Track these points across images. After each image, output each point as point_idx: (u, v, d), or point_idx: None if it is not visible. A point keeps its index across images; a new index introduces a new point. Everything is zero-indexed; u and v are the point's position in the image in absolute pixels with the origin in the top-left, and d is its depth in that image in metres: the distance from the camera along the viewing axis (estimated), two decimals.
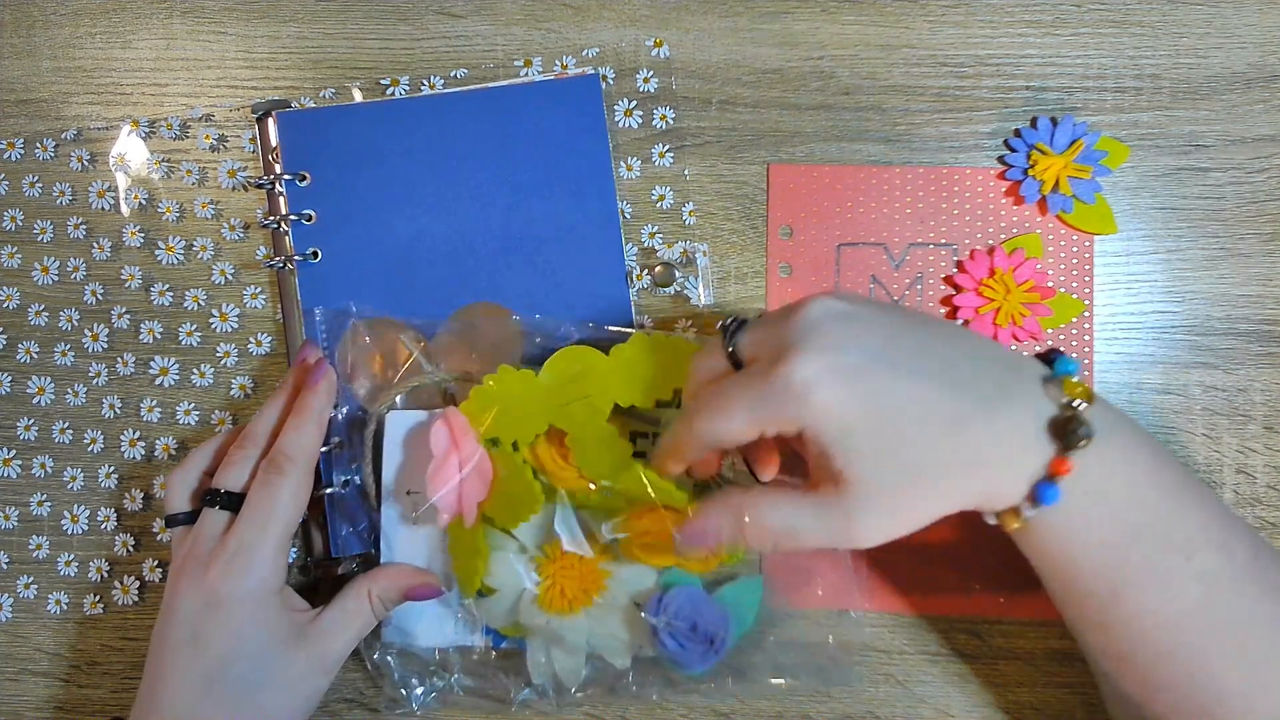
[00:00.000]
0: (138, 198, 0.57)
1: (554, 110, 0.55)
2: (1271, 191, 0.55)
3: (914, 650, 0.55)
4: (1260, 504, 0.54)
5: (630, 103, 0.56)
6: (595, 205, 0.55)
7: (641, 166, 0.56)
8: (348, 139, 0.55)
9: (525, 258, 0.55)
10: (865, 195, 0.56)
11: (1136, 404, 0.55)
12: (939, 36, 0.56)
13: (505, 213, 0.55)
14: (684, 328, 0.55)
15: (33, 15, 0.58)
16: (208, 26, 0.58)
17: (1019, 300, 0.54)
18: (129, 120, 0.57)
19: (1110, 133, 0.55)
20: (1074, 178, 0.54)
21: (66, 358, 0.57)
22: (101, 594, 0.56)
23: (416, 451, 0.52)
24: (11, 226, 0.57)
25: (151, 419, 0.57)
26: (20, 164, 0.58)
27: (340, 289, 0.55)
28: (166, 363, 0.57)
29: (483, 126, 0.55)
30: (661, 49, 0.56)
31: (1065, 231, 0.55)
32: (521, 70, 0.56)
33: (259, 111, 0.56)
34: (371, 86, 0.57)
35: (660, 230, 0.56)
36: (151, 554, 0.56)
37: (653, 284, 0.55)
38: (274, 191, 0.56)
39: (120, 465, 0.57)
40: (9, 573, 0.57)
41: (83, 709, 0.56)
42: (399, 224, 0.55)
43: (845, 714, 0.54)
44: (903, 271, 0.55)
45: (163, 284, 0.57)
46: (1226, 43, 0.55)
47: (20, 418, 0.57)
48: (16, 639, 0.57)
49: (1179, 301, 0.55)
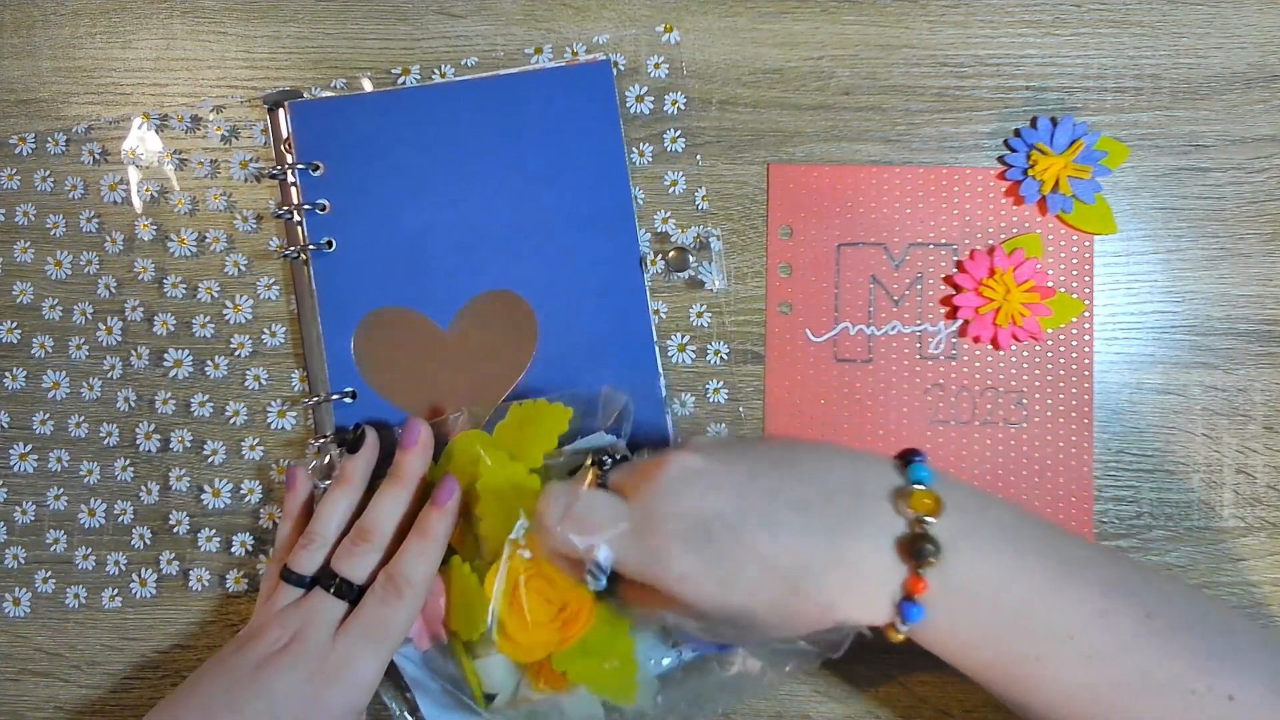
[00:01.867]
0: (149, 190, 0.57)
1: (566, 97, 0.55)
2: (1271, 191, 0.55)
3: (914, 650, 0.54)
4: (1260, 504, 0.54)
5: (641, 88, 0.56)
6: (608, 192, 0.55)
7: (654, 152, 0.56)
8: (360, 128, 0.55)
9: (539, 245, 0.55)
10: (865, 195, 0.56)
11: (1136, 404, 0.55)
12: (939, 36, 0.56)
13: (518, 200, 0.55)
14: (698, 313, 0.56)
15: (33, 15, 0.58)
16: (208, 26, 0.58)
17: (1019, 300, 0.54)
18: (140, 113, 0.57)
19: (1110, 133, 0.55)
20: (1074, 178, 0.54)
21: (81, 351, 0.57)
22: (119, 587, 0.56)
23: None
24: (24, 221, 0.57)
25: (166, 411, 0.57)
26: (31, 159, 0.58)
27: (355, 278, 0.55)
28: (180, 355, 0.57)
29: (495, 114, 0.55)
30: (672, 34, 0.56)
31: (1065, 231, 0.55)
32: (532, 58, 0.56)
33: (270, 102, 0.56)
34: (382, 76, 0.57)
35: (673, 216, 0.56)
36: (168, 548, 0.56)
37: (667, 270, 0.55)
38: (287, 182, 0.56)
39: (136, 458, 0.57)
40: (26, 567, 0.57)
41: (83, 709, 0.56)
42: (412, 213, 0.55)
43: (845, 714, 0.54)
44: (903, 271, 0.55)
45: (176, 276, 0.57)
46: (1226, 43, 0.55)
47: (36, 412, 0.57)
48: (16, 639, 0.57)
49: (1179, 301, 0.55)
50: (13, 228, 0.57)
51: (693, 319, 0.56)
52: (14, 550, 0.57)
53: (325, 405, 0.55)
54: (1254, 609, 0.54)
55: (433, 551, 0.48)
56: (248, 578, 0.56)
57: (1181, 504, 0.55)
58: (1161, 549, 0.54)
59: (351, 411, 0.55)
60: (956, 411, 0.55)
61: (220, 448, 0.56)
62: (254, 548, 0.56)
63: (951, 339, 0.55)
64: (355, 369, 0.55)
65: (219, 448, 0.56)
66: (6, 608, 0.56)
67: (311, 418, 0.56)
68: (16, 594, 0.57)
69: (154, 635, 0.56)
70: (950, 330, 0.55)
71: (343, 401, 0.55)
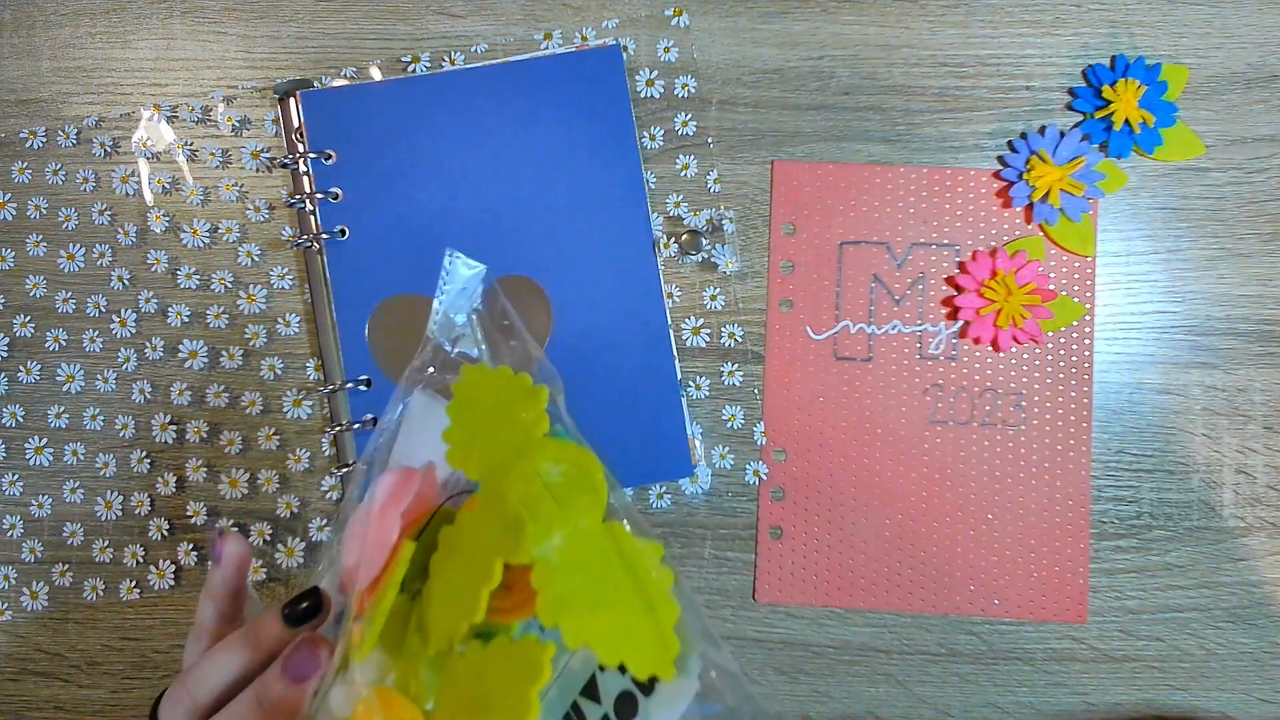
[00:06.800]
0: (161, 182, 0.57)
1: (576, 82, 0.55)
2: (1271, 191, 0.55)
3: (914, 650, 0.55)
4: (1260, 504, 0.54)
5: (652, 72, 0.56)
6: (620, 176, 0.55)
7: (664, 135, 0.56)
8: (371, 116, 0.55)
9: (552, 231, 0.55)
10: (868, 194, 0.56)
11: (1136, 404, 0.55)
12: (939, 36, 0.56)
13: (530, 185, 0.55)
14: (711, 295, 0.56)
15: (33, 15, 0.58)
16: (208, 26, 0.58)
17: (1020, 302, 0.54)
18: (150, 105, 0.57)
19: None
20: (1066, 192, 0.54)
21: (95, 344, 0.57)
22: (138, 579, 0.57)
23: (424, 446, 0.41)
24: (35, 215, 0.57)
25: (182, 402, 0.57)
26: (43, 152, 0.58)
27: (368, 266, 0.55)
28: (195, 346, 0.57)
29: (505, 100, 0.55)
30: (681, 18, 0.56)
31: None
32: (542, 44, 0.57)
33: (281, 92, 0.56)
34: (391, 64, 0.57)
35: (685, 198, 0.56)
36: (186, 538, 0.56)
37: (680, 252, 0.55)
38: (299, 171, 0.56)
39: (152, 450, 0.57)
40: (44, 560, 0.57)
41: (83, 709, 0.56)
42: (425, 199, 0.55)
43: (845, 714, 0.54)
44: (904, 271, 0.55)
45: (189, 267, 0.57)
46: (1226, 43, 0.55)
47: (51, 405, 0.57)
48: (16, 639, 0.57)
49: (1179, 301, 0.55)
50: (25, 222, 0.57)
51: (706, 302, 0.56)
52: (31, 544, 0.57)
53: (340, 393, 0.55)
54: (1254, 609, 0.54)
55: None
56: (266, 568, 0.56)
57: (1181, 504, 0.55)
58: (1161, 549, 0.54)
59: (366, 400, 0.55)
60: (955, 412, 0.55)
61: (237, 437, 0.56)
62: (273, 537, 0.56)
63: (952, 339, 0.55)
64: (370, 357, 0.55)
65: (235, 437, 0.56)
66: (25, 601, 0.56)
67: (327, 406, 0.56)
68: (35, 587, 0.57)
69: (154, 635, 0.56)
70: (951, 331, 0.55)
71: (358, 389, 0.55)
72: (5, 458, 0.57)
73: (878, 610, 0.54)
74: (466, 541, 0.34)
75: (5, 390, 0.57)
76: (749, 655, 0.55)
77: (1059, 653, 0.54)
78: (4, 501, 0.57)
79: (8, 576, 0.57)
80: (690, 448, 0.55)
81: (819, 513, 0.55)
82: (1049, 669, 0.54)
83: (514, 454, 0.34)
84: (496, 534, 0.33)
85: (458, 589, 0.33)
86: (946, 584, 0.54)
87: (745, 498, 0.55)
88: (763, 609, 0.55)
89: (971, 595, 0.54)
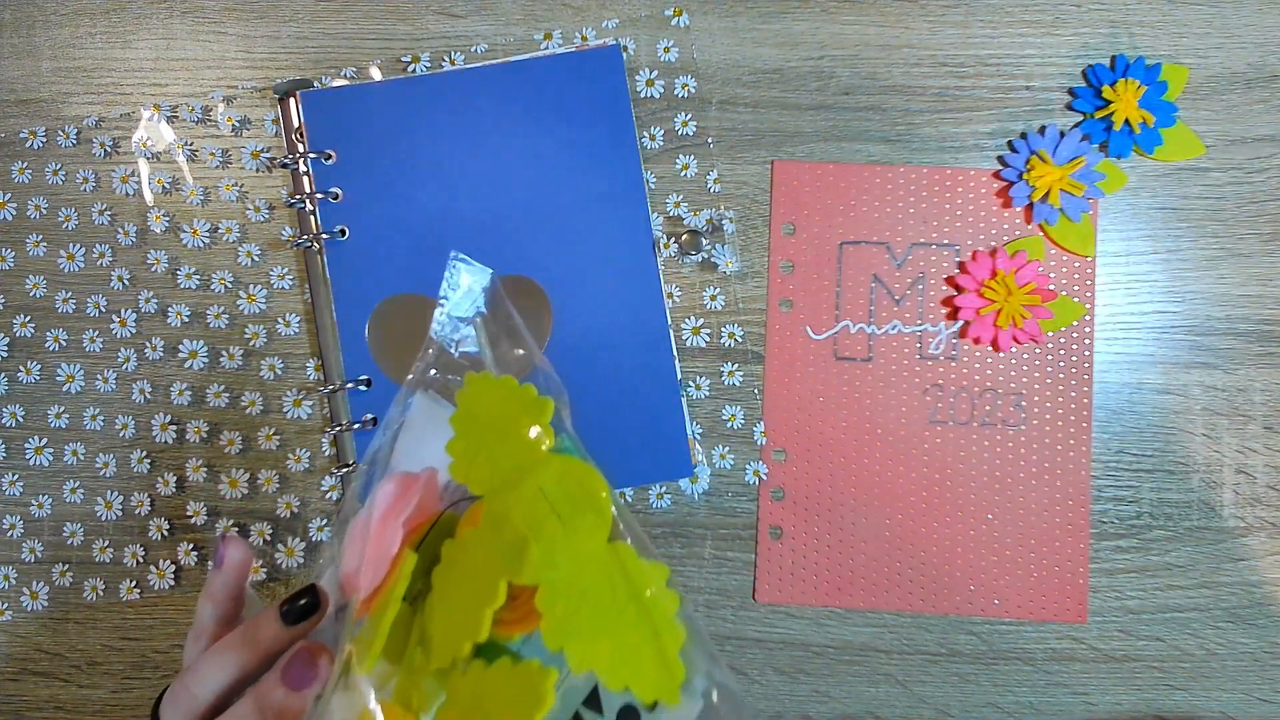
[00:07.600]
0: (161, 182, 0.57)
1: (576, 82, 0.55)
2: (1271, 191, 0.55)
3: (914, 650, 0.55)
4: (1260, 504, 0.54)
5: (652, 72, 0.56)
6: (620, 175, 0.55)
7: (664, 135, 0.56)
8: (372, 116, 0.55)
9: (552, 230, 0.55)
10: (868, 194, 0.56)
11: (1136, 404, 0.55)
12: (939, 36, 0.56)
13: (531, 185, 0.55)
14: (711, 295, 0.56)
15: (33, 15, 0.58)
16: (208, 26, 0.58)
17: (1020, 302, 0.54)
18: (150, 105, 0.57)
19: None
20: (1066, 192, 0.54)
21: (95, 344, 0.57)
22: (138, 579, 0.57)
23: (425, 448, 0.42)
24: (35, 215, 0.57)
25: (182, 402, 0.57)
26: (43, 152, 0.58)
27: (368, 266, 0.55)
28: (195, 346, 0.57)
29: (505, 100, 0.56)
30: (681, 18, 0.56)
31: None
32: (542, 44, 0.57)
33: (281, 91, 0.56)
34: (391, 64, 0.57)
35: (685, 198, 0.56)
36: (186, 538, 0.56)
37: (680, 252, 0.55)
38: (299, 171, 0.56)
39: (152, 450, 0.57)
40: (44, 560, 0.57)
41: (83, 709, 0.56)
42: (425, 199, 0.55)
43: (845, 714, 0.54)
44: (904, 271, 0.55)
45: (189, 267, 0.57)
46: (1226, 43, 0.55)
47: (51, 405, 0.57)
48: (16, 639, 0.57)
49: (1179, 301, 0.55)
50: (25, 222, 0.58)
51: (706, 302, 0.56)
52: (31, 544, 0.57)
53: (341, 393, 0.55)
54: (1254, 609, 0.54)
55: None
56: (266, 568, 0.56)
57: (1181, 504, 0.55)
58: (1161, 549, 0.54)
59: (366, 400, 0.55)
60: (955, 412, 0.55)
61: (237, 437, 0.56)
62: (273, 537, 0.56)
63: (952, 339, 0.55)
64: (370, 357, 0.55)
65: (235, 438, 0.56)
66: (25, 601, 0.56)
67: (327, 406, 0.56)
68: (35, 587, 0.57)
69: (154, 635, 0.56)
70: (951, 331, 0.55)
71: (358, 389, 0.55)
72: (5, 458, 0.57)
73: (878, 610, 0.54)
74: (470, 559, 0.34)
75: (5, 390, 0.57)
76: (749, 655, 0.55)
77: (1059, 653, 0.54)
78: (4, 501, 0.57)
79: (8, 576, 0.57)
80: (690, 448, 0.55)
81: (819, 513, 0.55)
82: (1049, 669, 0.54)
83: (518, 470, 0.34)
84: (500, 554, 0.33)
85: (461, 607, 0.33)
86: (946, 584, 0.54)
87: (745, 498, 0.55)
88: (763, 609, 0.55)
89: (971, 595, 0.54)
